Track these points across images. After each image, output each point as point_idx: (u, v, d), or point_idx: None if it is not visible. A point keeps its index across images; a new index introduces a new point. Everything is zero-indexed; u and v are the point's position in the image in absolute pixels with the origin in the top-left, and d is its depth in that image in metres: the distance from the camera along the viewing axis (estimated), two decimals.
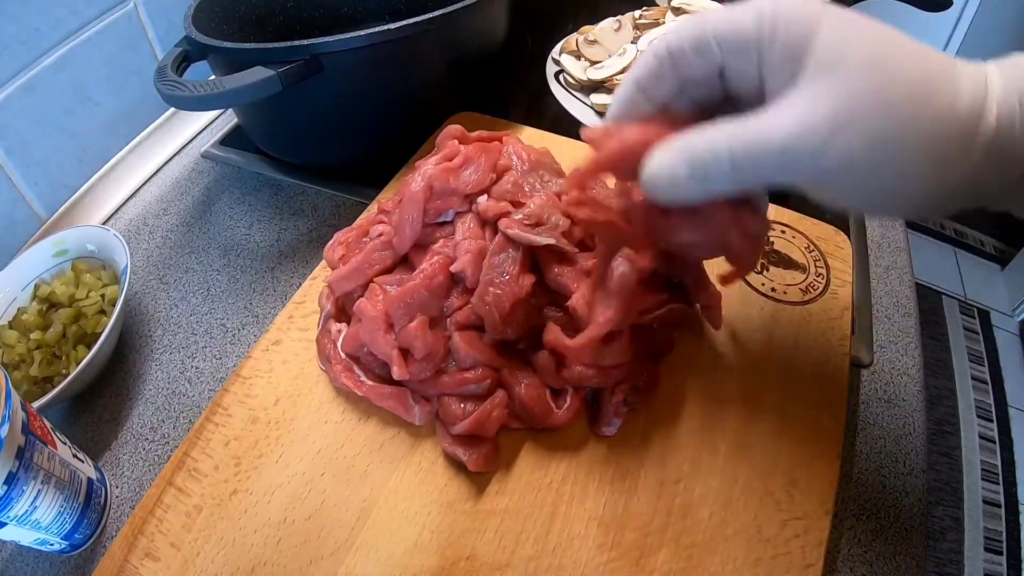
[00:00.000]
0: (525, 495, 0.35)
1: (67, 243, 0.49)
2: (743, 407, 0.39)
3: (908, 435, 0.44)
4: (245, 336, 0.49)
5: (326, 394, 0.39)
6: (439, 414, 0.37)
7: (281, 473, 0.36)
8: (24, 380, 0.42)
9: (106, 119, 0.61)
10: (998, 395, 1.64)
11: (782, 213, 0.51)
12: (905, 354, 0.49)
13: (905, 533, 0.39)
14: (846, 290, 0.46)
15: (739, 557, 0.33)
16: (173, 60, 0.49)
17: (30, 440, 0.32)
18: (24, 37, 0.51)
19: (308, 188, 0.61)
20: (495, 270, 0.37)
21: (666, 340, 0.41)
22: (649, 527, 0.34)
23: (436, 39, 0.54)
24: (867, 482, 0.41)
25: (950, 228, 2.12)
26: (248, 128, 0.62)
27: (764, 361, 0.41)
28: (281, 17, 0.66)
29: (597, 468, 0.36)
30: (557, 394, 0.38)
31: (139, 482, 0.41)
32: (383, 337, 0.37)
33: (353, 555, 0.33)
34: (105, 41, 0.58)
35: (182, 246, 0.56)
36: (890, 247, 0.58)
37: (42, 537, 0.34)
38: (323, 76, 0.48)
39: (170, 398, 0.45)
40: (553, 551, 0.33)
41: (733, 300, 0.45)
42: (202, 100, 0.45)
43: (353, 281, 0.41)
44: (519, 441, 0.37)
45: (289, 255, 0.55)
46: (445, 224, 0.42)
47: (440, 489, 0.35)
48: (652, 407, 0.39)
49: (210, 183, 0.62)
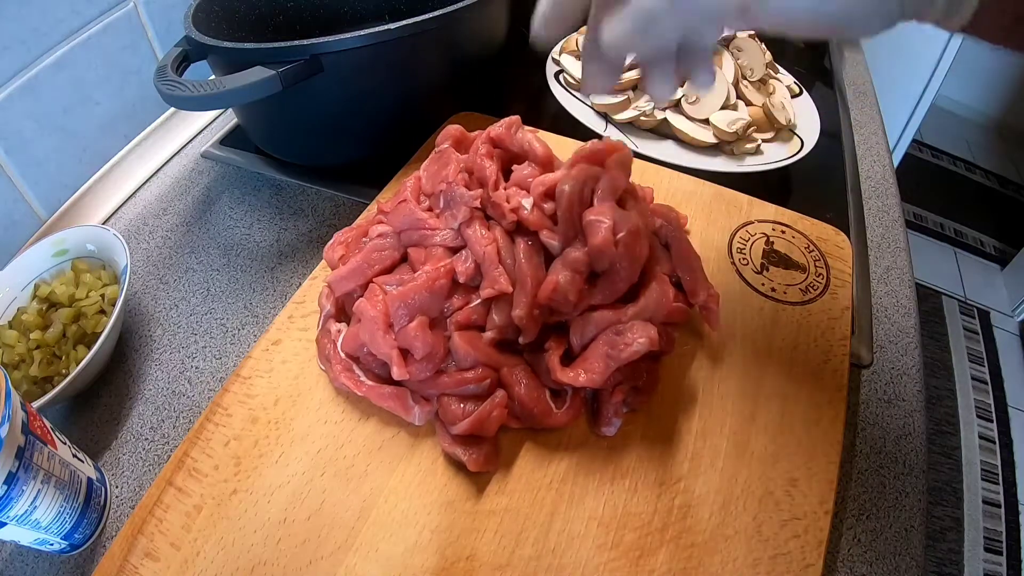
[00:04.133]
0: (525, 495, 0.35)
1: (67, 243, 0.49)
2: (743, 407, 0.39)
3: (908, 435, 0.44)
4: (245, 336, 0.49)
5: (326, 394, 0.39)
6: (439, 414, 0.37)
7: (281, 473, 0.36)
8: (24, 380, 0.42)
9: (106, 119, 0.61)
10: (998, 395, 1.64)
11: (782, 213, 0.51)
12: (905, 354, 0.49)
13: (905, 533, 0.39)
14: (846, 290, 0.46)
15: (739, 557, 0.33)
16: (173, 60, 0.49)
17: (30, 440, 0.32)
18: (24, 37, 0.51)
19: (308, 188, 0.61)
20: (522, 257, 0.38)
21: (666, 340, 0.41)
22: (649, 527, 0.34)
23: (436, 39, 0.54)
24: (867, 482, 0.41)
25: (950, 228, 2.12)
26: (248, 128, 0.62)
27: (764, 361, 0.41)
28: (281, 17, 0.65)
29: (597, 468, 0.36)
30: (557, 394, 0.38)
31: (139, 482, 0.40)
32: (383, 337, 0.37)
33: (353, 555, 0.33)
34: (105, 41, 0.58)
35: (182, 246, 0.56)
36: (890, 247, 0.58)
37: (42, 537, 0.34)
38: (323, 76, 0.48)
39: (170, 398, 0.45)
40: (553, 551, 0.33)
41: (733, 300, 0.45)
42: (202, 100, 0.45)
43: (353, 281, 0.41)
44: (519, 441, 0.37)
45: (289, 255, 0.55)
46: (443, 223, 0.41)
47: (440, 489, 0.35)
48: (652, 407, 0.39)
49: (210, 183, 0.62)
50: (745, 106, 0.61)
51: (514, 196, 0.39)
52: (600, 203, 0.37)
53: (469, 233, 0.39)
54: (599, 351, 0.36)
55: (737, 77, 0.62)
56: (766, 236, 0.49)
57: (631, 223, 0.36)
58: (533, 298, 0.36)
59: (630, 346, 0.35)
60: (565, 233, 0.37)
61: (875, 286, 0.54)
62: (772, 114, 0.60)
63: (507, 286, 0.37)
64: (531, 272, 0.37)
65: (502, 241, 0.38)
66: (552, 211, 0.38)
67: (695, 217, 0.50)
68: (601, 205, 0.37)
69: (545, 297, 0.36)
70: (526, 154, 0.42)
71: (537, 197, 0.38)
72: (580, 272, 0.36)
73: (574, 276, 0.36)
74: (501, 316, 0.38)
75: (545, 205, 0.38)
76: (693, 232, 0.49)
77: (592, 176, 0.38)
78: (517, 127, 0.43)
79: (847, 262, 0.48)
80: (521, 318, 0.36)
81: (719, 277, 0.46)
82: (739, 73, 0.62)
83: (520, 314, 0.36)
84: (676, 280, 0.42)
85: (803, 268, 0.47)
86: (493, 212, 0.39)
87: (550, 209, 0.38)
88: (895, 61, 1.44)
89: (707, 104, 0.59)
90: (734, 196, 0.53)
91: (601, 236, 0.35)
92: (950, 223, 2.13)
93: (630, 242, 0.36)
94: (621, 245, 0.36)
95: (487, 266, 0.37)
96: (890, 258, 0.57)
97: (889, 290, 0.54)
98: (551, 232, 0.38)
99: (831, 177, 0.64)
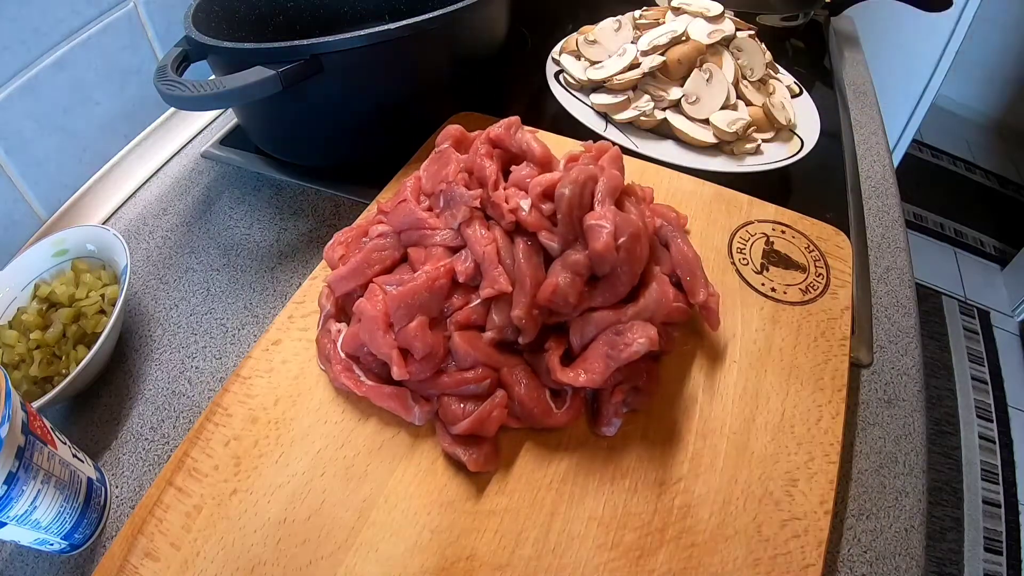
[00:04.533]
0: (525, 495, 0.35)
1: (67, 243, 0.49)
2: (743, 407, 0.39)
3: (908, 435, 0.44)
4: (245, 336, 0.49)
5: (326, 394, 0.39)
6: (439, 414, 0.37)
7: (281, 473, 0.36)
8: (24, 380, 0.42)
9: (106, 119, 0.61)
10: (998, 395, 1.63)
11: (782, 213, 0.51)
12: (905, 354, 0.49)
13: (905, 533, 0.39)
14: (846, 290, 0.46)
15: (739, 557, 0.33)
16: (173, 60, 0.49)
17: (30, 440, 0.32)
18: (24, 37, 0.51)
19: (308, 188, 0.61)
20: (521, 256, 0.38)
21: (666, 340, 0.41)
22: (649, 527, 0.34)
23: (436, 39, 0.54)
24: (867, 482, 0.41)
25: (950, 228, 2.12)
26: (248, 128, 0.62)
27: (764, 361, 0.41)
28: (281, 17, 0.66)
29: (597, 468, 0.36)
30: (557, 394, 0.38)
31: (139, 482, 0.41)
32: (383, 337, 0.37)
33: (353, 555, 0.33)
34: (105, 41, 0.58)
35: (182, 246, 0.56)
36: (890, 247, 0.58)
37: (42, 537, 0.34)
38: (323, 76, 0.48)
39: (170, 398, 0.45)
40: (553, 551, 0.33)
41: (733, 300, 0.45)
42: (202, 100, 0.45)
43: (353, 281, 0.41)
44: (519, 441, 0.37)
45: (289, 255, 0.55)
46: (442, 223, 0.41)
47: (440, 489, 0.35)
48: (652, 407, 0.39)
49: (210, 183, 0.62)
50: (745, 106, 0.61)
51: (513, 196, 0.39)
52: (601, 206, 0.37)
53: (469, 233, 0.39)
54: (599, 351, 0.36)
55: (737, 77, 0.62)
56: (766, 236, 0.49)
57: (633, 227, 0.36)
58: (532, 298, 0.36)
59: (630, 346, 0.35)
60: (565, 235, 0.37)
61: (875, 286, 0.54)
62: (772, 114, 0.60)
63: (506, 286, 0.37)
64: (530, 272, 0.37)
65: (502, 241, 0.38)
66: (550, 212, 0.38)
67: (695, 217, 0.50)
68: (602, 208, 0.37)
69: (545, 299, 0.36)
70: (524, 154, 0.42)
71: (535, 198, 0.38)
72: (580, 275, 0.37)
73: (574, 278, 0.36)
74: (501, 316, 0.38)
75: (543, 206, 0.38)
76: (693, 232, 0.49)
77: (591, 177, 0.38)
78: (516, 128, 0.43)
79: (847, 262, 0.48)
80: (520, 318, 0.36)
81: (719, 277, 0.46)
82: (739, 73, 0.62)
83: (519, 314, 0.36)
84: (676, 280, 0.41)
85: (803, 268, 0.47)
86: (492, 212, 0.39)
87: (548, 210, 0.38)
88: (895, 61, 1.44)
89: (707, 104, 0.59)
90: (734, 196, 0.53)
91: (603, 242, 0.35)
92: (950, 223, 2.13)
93: (631, 247, 0.36)
94: (623, 250, 0.36)
95: (486, 266, 0.37)
96: (890, 258, 0.57)
97: (889, 290, 0.54)
98: (550, 233, 0.38)
99: (831, 177, 0.64)
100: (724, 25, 0.63)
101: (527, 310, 0.36)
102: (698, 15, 0.64)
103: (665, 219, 0.44)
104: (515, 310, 0.36)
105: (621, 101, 0.61)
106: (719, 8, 0.64)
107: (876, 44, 1.18)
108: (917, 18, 1.05)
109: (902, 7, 0.92)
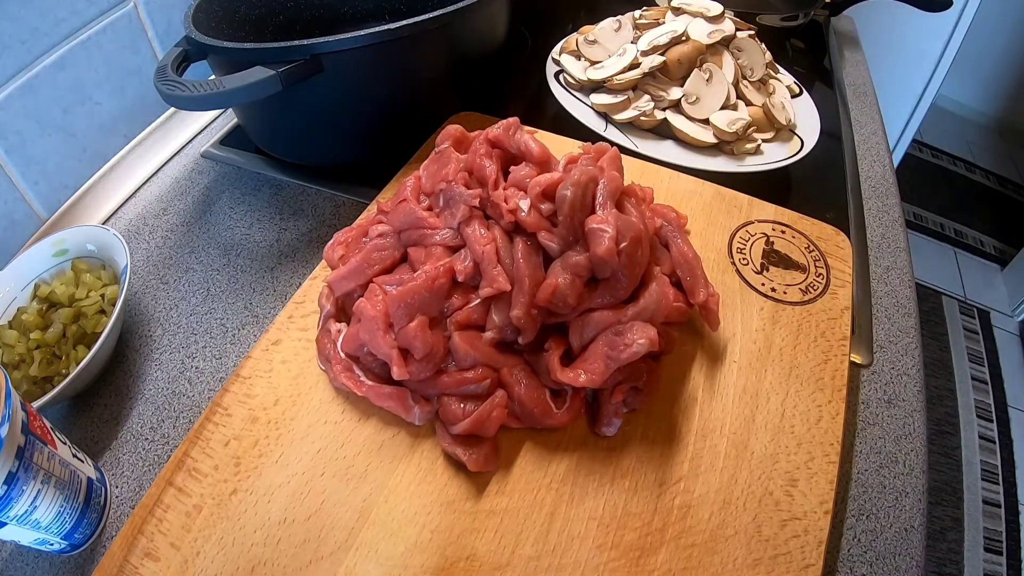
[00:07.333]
0: (525, 495, 0.35)
1: (67, 243, 0.49)
2: (743, 407, 0.39)
3: (908, 435, 0.44)
4: (245, 336, 0.49)
5: (326, 394, 0.39)
6: (439, 414, 0.37)
7: (281, 473, 0.36)
8: (24, 380, 0.42)
9: (106, 119, 0.61)
10: (998, 395, 1.63)
11: (782, 213, 0.51)
12: (905, 354, 0.49)
13: (905, 533, 0.39)
14: (846, 290, 0.46)
15: (739, 557, 0.33)
16: (173, 60, 0.49)
17: (30, 440, 0.32)
18: (24, 37, 0.51)
19: (308, 188, 0.61)
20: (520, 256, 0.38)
21: (666, 340, 0.41)
22: (649, 527, 0.34)
23: (436, 39, 0.54)
24: (867, 482, 0.41)
25: (950, 228, 2.12)
26: (248, 128, 0.62)
27: (764, 361, 0.41)
28: (281, 17, 0.66)
29: (597, 468, 0.36)
30: (557, 394, 0.38)
31: (139, 482, 0.40)
32: (383, 337, 0.37)
33: (353, 555, 0.33)
34: (105, 41, 0.58)
35: (182, 246, 0.56)
36: (890, 247, 0.58)
37: (42, 537, 0.34)
38: (323, 76, 0.48)
39: (170, 398, 0.45)
40: (553, 551, 0.33)
41: (733, 300, 0.45)
42: (202, 100, 0.45)
43: (353, 281, 0.41)
44: (519, 441, 0.37)
45: (289, 255, 0.55)
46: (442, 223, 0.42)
47: (440, 489, 0.35)
48: (652, 407, 0.39)
49: (210, 183, 0.62)
50: (745, 106, 0.61)
51: (512, 196, 0.39)
52: (602, 209, 0.37)
53: (468, 232, 0.39)
54: (599, 351, 0.36)
55: (737, 77, 0.62)
56: (766, 236, 0.49)
57: (634, 231, 0.36)
58: (531, 298, 0.36)
59: (630, 346, 0.35)
60: (565, 237, 0.37)
61: (875, 286, 0.54)
62: (772, 114, 0.60)
63: (506, 285, 0.37)
64: (529, 272, 0.37)
65: (501, 241, 0.38)
66: (549, 212, 0.38)
67: (695, 217, 0.50)
68: (604, 212, 0.37)
69: (544, 299, 0.36)
70: (523, 155, 0.42)
71: (534, 198, 0.38)
72: (580, 276, 0.36)
73: (574, 280, 0.36)
74: (501, 316, 0.38)
75: (542, 206, 0.38)
76: (693, 232, 0.49)
77: (592, 179, 0.38)
78: (515, 129, 0.43)
79: (847, 262, 0.48)
80: (519, 318, 0.36)
81: (719, 277, 0.46)
82: (739, 73, 0.62)
83: (518, 314, 0.36)
84: (676, 280, 0.42)
85: (803, 268, 0.47)
86: (492, 212, 0.39)
87: (548, 210, 0.38)
88: (895, 61, 1.44)
89: (707, 104, 0.59)
90: (734, 196, 0.53)
91: (605, 247, 0.35)
92: (950, 223, 2.13)
93: (632, 251, 0.36)
94: (624, 254, 0.36)
95: (486, 265, 0.37)
96: (890, 258, 0.57)
97: (889, 290, 0.54)
98: (549, 234, 0.38)
99: (831, 177, 0.64)
100: (724, 25, 0.63)
101: (526, 310, 0.36)
102: (698, 15, 0.64)
103: (665, 219, 0.44)
104: (514, 310, 0.36)
105: (621, 101, 0.61)
106: (719, 8, 0.64)
107: (876, 44, 1.17)
108: (917, 18, 1.05)
109: (902, 7, 0.92)
